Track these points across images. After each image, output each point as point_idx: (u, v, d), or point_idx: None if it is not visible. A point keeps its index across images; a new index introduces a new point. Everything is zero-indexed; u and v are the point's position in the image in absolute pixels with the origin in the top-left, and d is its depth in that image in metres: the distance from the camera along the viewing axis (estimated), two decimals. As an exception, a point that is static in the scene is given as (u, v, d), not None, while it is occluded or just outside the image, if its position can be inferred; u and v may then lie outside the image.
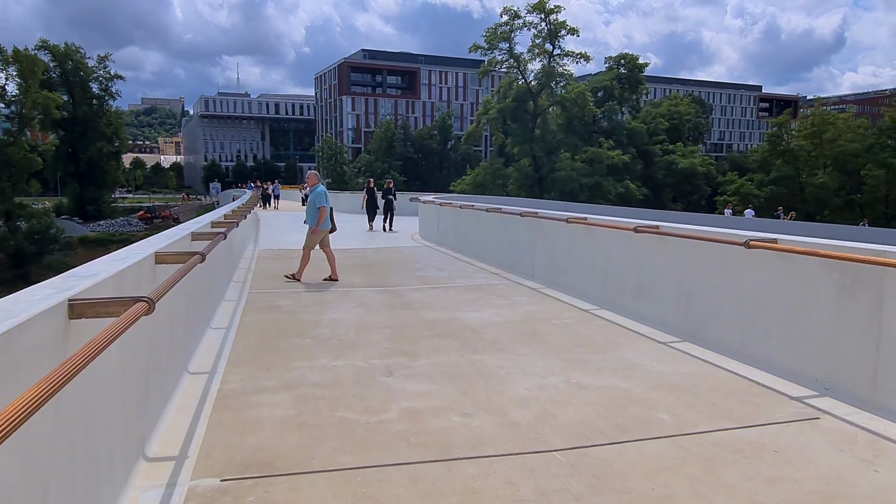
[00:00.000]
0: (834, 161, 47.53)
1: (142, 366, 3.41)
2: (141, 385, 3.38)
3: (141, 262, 3.49)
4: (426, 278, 10.02)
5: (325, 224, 9.80)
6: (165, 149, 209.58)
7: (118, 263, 3.19)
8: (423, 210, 16.75)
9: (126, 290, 2.97)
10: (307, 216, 9.85)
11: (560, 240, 8.73)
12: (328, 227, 9.94)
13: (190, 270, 3.63)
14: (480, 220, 12.02)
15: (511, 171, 51.90)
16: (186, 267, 3.53)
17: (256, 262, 11.90)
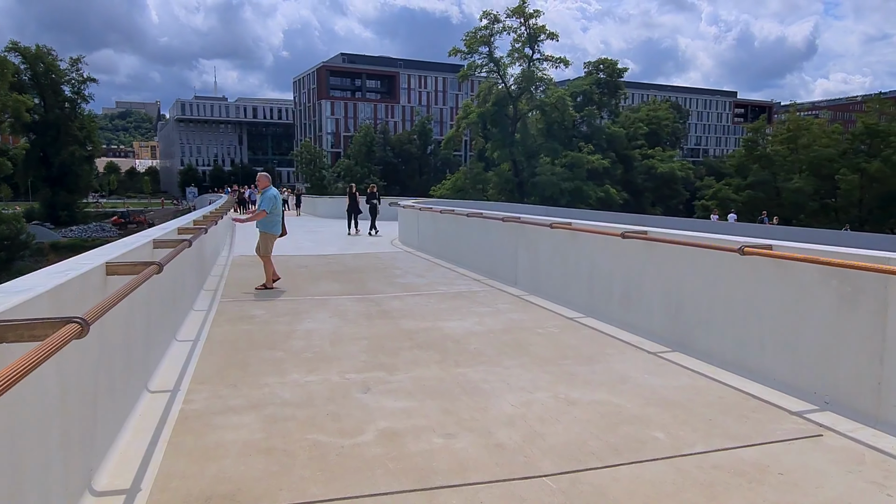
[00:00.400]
0: (809, 166, 48.21)
1: (88, 390, 3.07)
2: (87, 411, 3.05)
3: (87, 274, 3.16)
4: (406, 285, 9.72)
5: (277, 227, 9.50)
6: (141, 153, 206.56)
7: (58, 277, 2.85)
8: (403, 215, 16.46)
9: (66, 307, 2.64)
10: (259, 222, 9.46)
11: (543, 245, 8.49)
12: (279, 231, 9.64)
13: (143, 282, 3.30)
14: (461, 226, 11.75)
15: (491, 175, 51.81)
16: (139, 279, 3.21)
17: (230, 269, 11.50)
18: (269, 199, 9.34)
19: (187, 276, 7.20)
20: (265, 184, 9.60)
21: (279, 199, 9.63)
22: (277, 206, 9.44)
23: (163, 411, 4.10)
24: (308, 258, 13.41)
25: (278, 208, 9.50)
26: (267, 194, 9.43)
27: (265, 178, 9.71)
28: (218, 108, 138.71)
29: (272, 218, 9.36)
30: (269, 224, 9.39)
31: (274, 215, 9.36)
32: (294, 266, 12.06)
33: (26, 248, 57.80)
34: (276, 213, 9.43)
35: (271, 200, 9.32)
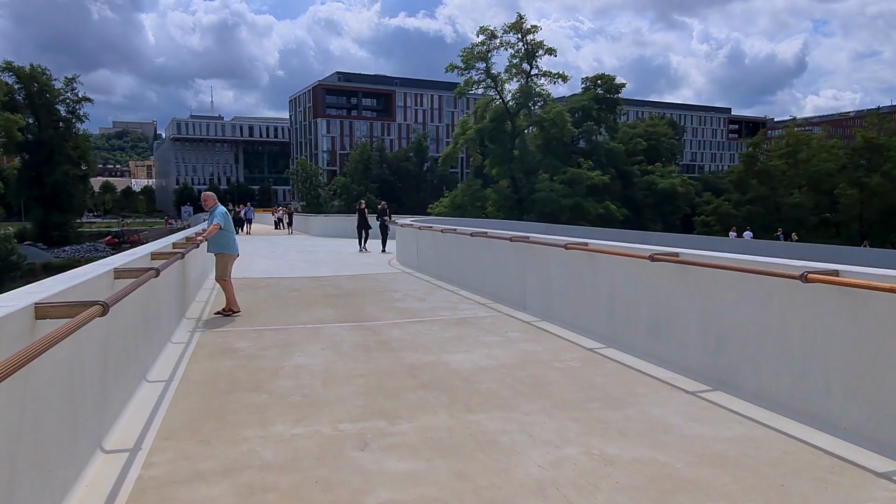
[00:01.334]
0: (809, 181, 47.83)
1: (7, 454, 2.35)
2: (19, 481, 2.32)
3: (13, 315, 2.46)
4: (406, 310, 9.00)
5: (234, 247, 8.93)
6: (137, 172, 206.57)
7: None
8: (401, 234, 15.78)
9: None
10: (210, 243, 8.81)
11: (555, 267, 7.81)
12: (236, 251, 9.05)
13: (81, 326, 2.60)
14: (464, 246, 11.08)
15: (490, 192, 51.16)
16: (75, 324, 2.50)
17: (217, 293, 10.76)
18: (221, 213, 8.76)
19: (163, 306, 6.48)
20: (212, 203, 8.90)
21: (229, 217, 9.14)
22: (230, 223, 8.98)
23: (115, 480, 3.37)
24: (301, 280, 12.70)
25: (231, 224, 9.04)
26: (217, 210, 8.78)
27: (211, 198, 9.00)
28: (214, 126, 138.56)
29: (226, 236, 8.76)
30: (223, 242, 8.77)
31: (228, 232, 8.79)
32: (286, 289, 11.35)
33: (17, 268, 56.98)
34: (230, 230, 8.92)
35: (223, 215, 8.77)
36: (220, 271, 8.73)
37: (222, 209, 8.90)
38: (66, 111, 75.40)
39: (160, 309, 6.27)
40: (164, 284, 6.20)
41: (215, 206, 8.86)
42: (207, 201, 8.95)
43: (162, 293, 6.33)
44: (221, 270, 8.70)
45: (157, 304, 6.06)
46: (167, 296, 6.79)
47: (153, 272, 4.84)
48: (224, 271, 8.71)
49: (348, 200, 79.17)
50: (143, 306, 5.35)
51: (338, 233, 28.75)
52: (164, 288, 6.46)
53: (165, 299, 6.67)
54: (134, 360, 5.05)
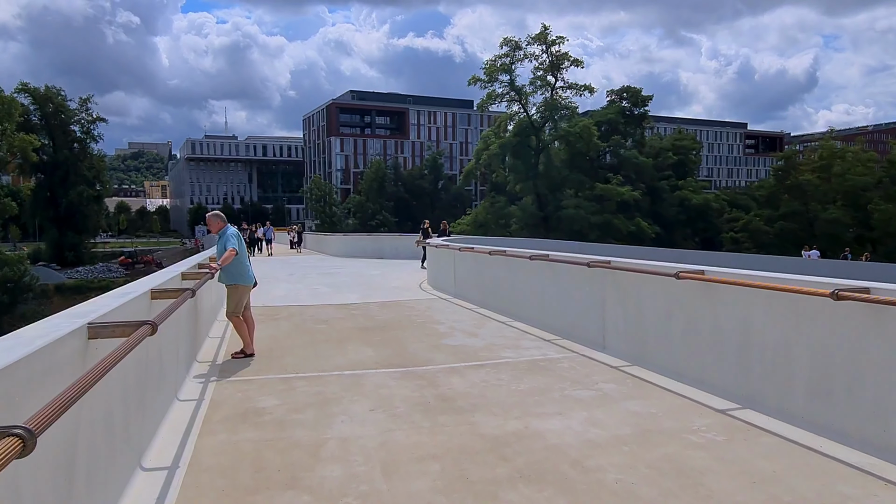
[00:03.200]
0: (844, 195, 45.92)
1: None
2: None
3: None
4: (459, 350, 7.53)
5: (249, 276, 7.39)
6: (152, 192, 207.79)
7: None
8: (435, 255, 14.36)
9: None
10: (222, 272, 7.22)
11: (651, 299, 6.33)
12: (252, 280, 7.51)
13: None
14: (518, 270, 9.62)
15: (515, 209, 49.40)
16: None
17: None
18: (234, 236, 7.23)
19: (167, 355, 5.06)
20: (219, 225, 7.37)
21: (242, 239, 7.48)
22: (244, 250, 7.39)
23: None
24: (327, 309, 11.27)
25: (245, 252, 7.47)
26: (228, 232, 7.27)
27: (217, 220, 7.43)
28: (228, 146, 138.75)
29: (240, 264, 7.23)
30: (236, 272, 7.23)
31: (242, 258, 7.25)
32: (311, 320, 9.94)
33: (30, 290, 56.28)
34: (245, 256, 7.39)
35: (235, 238, 7.19)
36: (231, 305, 7.24)
37: (234, 231, 7.37)
38: (80, 131, 75.16)
39: (163, 361, 4.85)
40: (169, 329, 4.80)
41: (224, 228, 7.34)
42: (213, 224, 7.43)
43: (166, 339, 4.93)
44: (234, 305, 7.21)
45: (158, 356, 4.64)
46: (173, 341, 5.39)
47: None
48: (237, 306, 7.20)
49: (363, 219, 78.20)
50: (138, 362, 3.94)
51: (357, 253, 27.41)
52: (170, 332, 5.05)
53: (171, 346, 5.26)
54: (130, 435, 3.64)
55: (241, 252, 7.19)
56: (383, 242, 28.44)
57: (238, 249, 7.08)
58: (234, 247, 7.04)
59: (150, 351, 4.25)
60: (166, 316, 3.71)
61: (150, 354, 4.29)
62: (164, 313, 3.72)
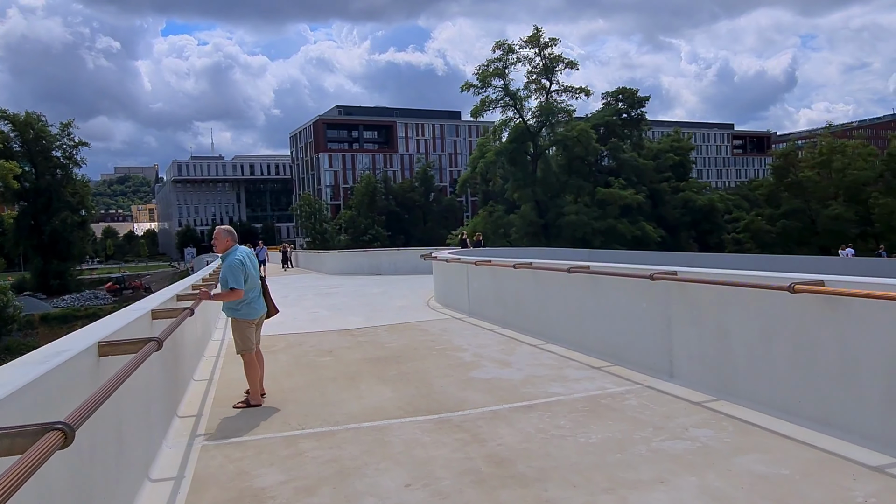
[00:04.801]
0: (846, 191, 45.06)
1: None
2: None
3: None
4: (494, 384, 6.28)
5: (252, 310, 5.94)
6: (139, 216, 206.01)
7: None
8: (443, 270, 13.12)
9: None
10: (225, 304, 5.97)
11: (741, 317, 5.12)
12: (262, 310, 6.12)
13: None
14: (547, 284, 8.40)
15: (514, 218, 47.91)
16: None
17: (223, 367, 8.07)
18: (235, 267, 5.70)
19: (132, 420, 3.78)
20: (226, 243, 5.91)
21: (250, 263, 5.96)
22: (252, 276, 5.91)
23: None
24: (329, 336, 9.99)
25: (255, 279, 5.95)
26: (230, 260, 5.80)
27: (225, 236, 5.96)
28: (215, 167, 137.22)
29: (247, 295, 5.84)
30: (242, 305, 5.87)
31: (250, 291, 5.86)
32: (313, 351, 8.66)
33: (14, 321, 54.49)
34: (254, 288, 5.95)
35: (238, 269, 5.70)
36: (237, 342, 5.93)
37: (239, 256, 5.83)
38: (63, 157, 73.53)
39: (123, 432, 3.56)
40: (136, 380, 3.53)
41: (231, 249, 5.90)
42: (219, 241, 5.96)
43: (130, 396, 3.66)
44: (240, 340, 5.90)
45: (116, 424, 3.37)
46: (140, 396, 4.10)
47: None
48: (245, 342, 5.88)
49: (355, 234, 76.89)
50: (80, 453, 2.67)
51: (353, 270, 26.07)
52: (136, 385, 3.78)
53: (137, 404, 3.98)
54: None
55: (249, 283, 5.82)
56: (380, 258, 27.15)
57: (234, 282, 5.65)
58: (234, 285, 5.63)
59: (103, 422, 3.00)
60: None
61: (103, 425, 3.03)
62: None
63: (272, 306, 6.33)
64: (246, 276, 5.76)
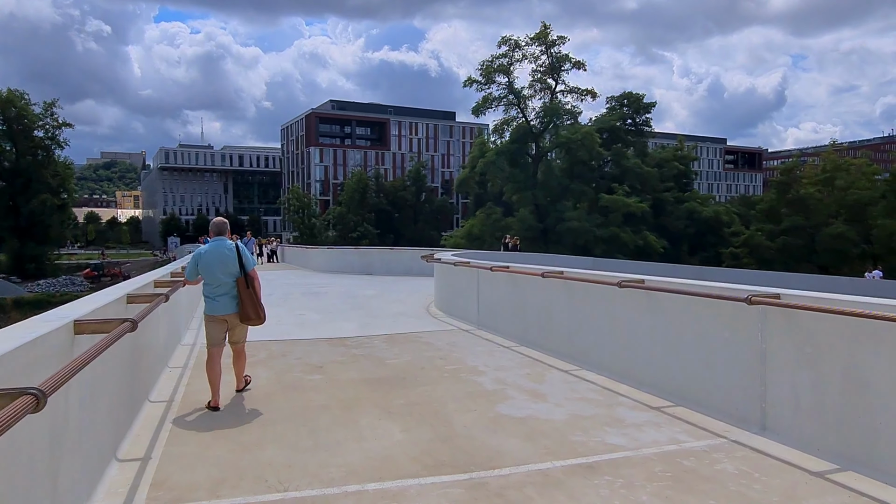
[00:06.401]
0: (848, 210, 44.21)
1: None
2: None
3: None
4: (531, 425, 4.92)
5: (214, 305, 5.66)
6: (123, 203, 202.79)
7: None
8: (448, 274, 11.73)
9: None
10: None
11: (888, 364, 3.79)
12: (223, 311, 5.67)
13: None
14: (582, 299, 7.05)
15: (512, 221, 46.26)
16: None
17: (191, 373, 6.65)
18: (192, 258, 5.86)
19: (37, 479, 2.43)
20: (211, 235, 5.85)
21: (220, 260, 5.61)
22: (213, 274, 5.60)
23: None
24: (319, 346, 8.58)
25: (216, 276, 5.60)
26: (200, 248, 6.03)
27: (211, 226, 5.92)
28: (203, 156, 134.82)
29: (205, 286, 5.73)
30: (205, 297, 5.79)
31: (207, 287, 5.70)
32: (299, 366, 7.25)
33: (-15, 304, 52.41)
34: (215, 285, 5.63)
35: (191, 260, 5.80)
36: (207, 337, 5.76)
37: (203, 249, 5.78)
38: (45, 137, 71.13)
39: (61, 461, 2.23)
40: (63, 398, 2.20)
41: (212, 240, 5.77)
42: (210, 233, 5.91)
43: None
44: (209, 336, 5.72)
45: None
46: (64, 433, 2.74)
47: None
48: (207, 337, 5.73)
49: (344, 231, 75.29)
50: None
51: (343, 268, 24.63)
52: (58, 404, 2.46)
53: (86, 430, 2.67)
54: None
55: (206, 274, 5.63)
56: (372, 257, 25.69)
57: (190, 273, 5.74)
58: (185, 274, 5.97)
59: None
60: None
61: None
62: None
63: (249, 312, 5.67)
64: (208, 267, 5.62)
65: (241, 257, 5.63)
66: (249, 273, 5.67)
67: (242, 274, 5.62)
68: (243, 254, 5.68)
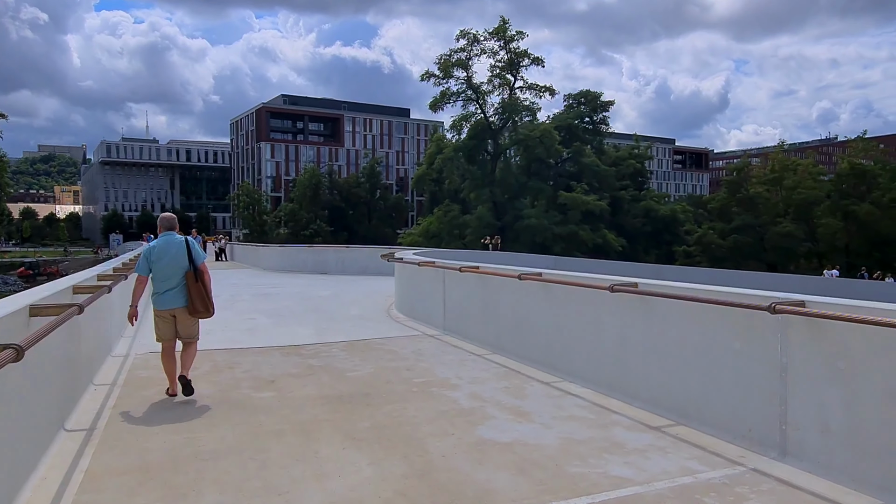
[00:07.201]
0: (796, 209, 45.40)
1: None
2: None
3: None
4: (521, 453, 4.26)
5: (162, 299, 5.66)
6: (63, 198, 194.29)
7: None
8: (411, 274, 10.99)
9: None
10: None
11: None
12: (172, 304, 5.66)
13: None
14: (565, 304, 6.43)
15: (470, 219, 45.64)
16: None
17: (121, 391, 5.73)
18: (142, 254, 5.80)
19: None
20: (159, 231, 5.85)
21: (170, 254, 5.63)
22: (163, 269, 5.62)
23: None
24: (271, 355, 7.73)
25: (165, 271, 5.62)
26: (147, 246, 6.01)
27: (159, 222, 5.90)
28: (147, 150, 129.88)
29: (154, 284, 5.71)
30: (153, 293, 5.78)
31: (157, 281, 5.67)
32: (247, 381, 6.40)
33: None
34: (164, 279, 5.64)
35: (142, 255, 5.73)
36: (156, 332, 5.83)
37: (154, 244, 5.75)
38: (-28, 127, 66.88)
39: None
40: None
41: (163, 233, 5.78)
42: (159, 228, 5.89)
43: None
44: (157, 332, 5.78)
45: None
46: None
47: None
48: (155, 332, 5.79)
49: (296, 228, 73.51)
50: None
51: (297, 267, 23.59)
52: None
53: None
54: None
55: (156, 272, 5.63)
56: (327, 255, 24.71)
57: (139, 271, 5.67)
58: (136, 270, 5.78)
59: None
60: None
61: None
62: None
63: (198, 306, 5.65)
64: (160, 262, 5.59)
65: (190, 251, 5.62)
66: (199, 267, 5.66)
67: (192, 268, 5.61)
68: (193, 248, 5.67)
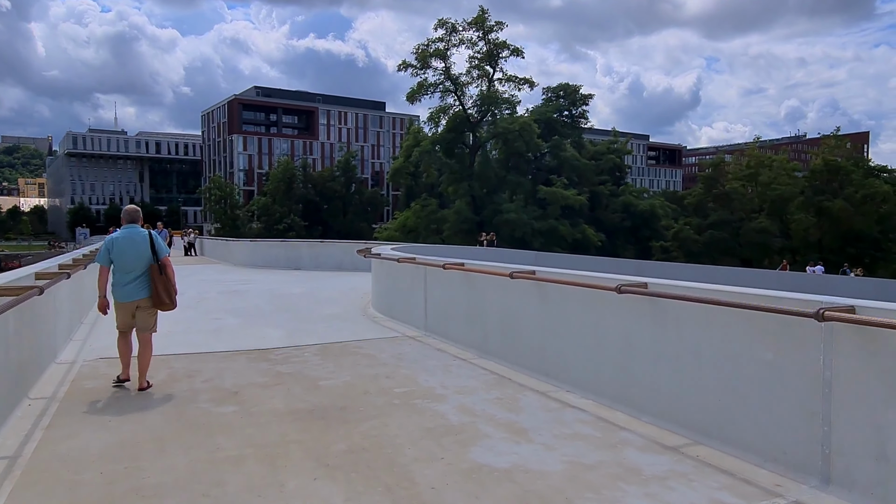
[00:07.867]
0: (771, 205, 45.70)
1: None
2: None
3: None
4: (523, 484, 3.66)
5: (120, 291, 5.69)
6: (27, 191, 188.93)
7: None
8: (390, 271, 10.33)
9: None
10: None
11: None
12: (130, 297, 5.68)
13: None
14: (561, 304, 5.85)
15: (448, 213, 44.90)
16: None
17: (60, 406, 4.97)
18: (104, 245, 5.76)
19: None
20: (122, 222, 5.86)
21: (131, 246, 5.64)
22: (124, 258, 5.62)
23: None
24: (236, 361, 7.02)
25: (126, 261, 5.62)
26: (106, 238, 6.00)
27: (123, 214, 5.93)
28: (115, 142, 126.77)
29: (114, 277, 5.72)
30: (112, 284, 5.79)
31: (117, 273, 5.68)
32: (207, 393, 5.68)
33: None
34: (122, 269, 5.65)
35: (103, 247, 5.75)
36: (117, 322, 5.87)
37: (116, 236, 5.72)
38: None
39: None
40: None
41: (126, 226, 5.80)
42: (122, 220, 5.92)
43: None
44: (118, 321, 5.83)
45: None
46: None
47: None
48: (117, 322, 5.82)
49: (269, 222, 72.12)
50: None
51: (269, 262, 22.71)
52: None
53: None
54: None
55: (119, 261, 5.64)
56: (301, 250, 23.86)
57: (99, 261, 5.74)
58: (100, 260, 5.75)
59: None
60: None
61: None
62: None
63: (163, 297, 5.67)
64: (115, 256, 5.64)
65: (153, 244, 5.62)
66: (162, 260, 5.66)
67: (155, 261, 5.61)
68: (156, 241, 5.67)
